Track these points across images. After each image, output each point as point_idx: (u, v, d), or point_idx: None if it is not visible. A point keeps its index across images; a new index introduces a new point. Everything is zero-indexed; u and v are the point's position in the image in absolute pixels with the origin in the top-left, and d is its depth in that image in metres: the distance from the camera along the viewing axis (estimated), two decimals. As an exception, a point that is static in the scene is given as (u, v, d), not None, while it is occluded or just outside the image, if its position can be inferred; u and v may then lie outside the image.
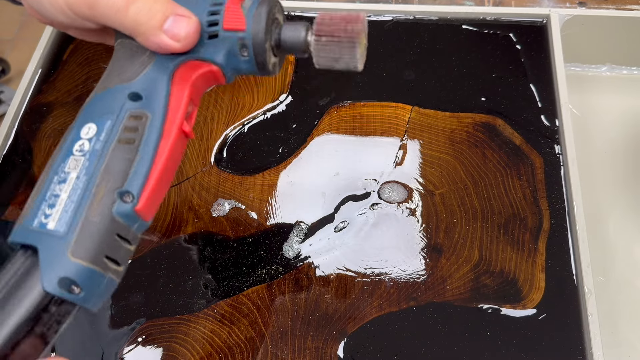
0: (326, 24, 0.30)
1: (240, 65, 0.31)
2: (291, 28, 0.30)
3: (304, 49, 0.31)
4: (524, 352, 0.38)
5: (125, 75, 0.30)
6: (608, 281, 0.45)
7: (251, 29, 0.29)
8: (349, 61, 0.30)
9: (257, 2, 0.30)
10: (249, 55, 0.30)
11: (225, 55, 0.30)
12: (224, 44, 0.30)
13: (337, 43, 0.30)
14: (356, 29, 0.29)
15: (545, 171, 0.45)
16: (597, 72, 0.56)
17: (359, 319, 0.40)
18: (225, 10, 0.30)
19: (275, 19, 0.31)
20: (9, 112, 0.49)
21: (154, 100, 0.30)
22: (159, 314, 0.40)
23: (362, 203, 0.44)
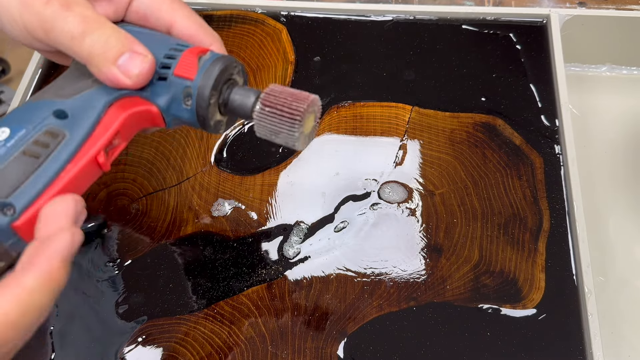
0: (274, 95, 0.29)
1: (182, 113, 0.30)
2: (242, 92, 0.30)
3: (249, 115, 0.30)
4: (524, 352, 0.38)
5: (62, 92, 0.29)
6: (608, 281, 0.45)
7: (199, 81, 0.29)
8: (287, 138, 0.30)
9: (215, 58, 0.30)
10: (192, 106, 0.30)
11: (169, 100, 0.30)
12: (170, 88, 0.30)
13: (278, 117, 0.29)
14: (300, 108, 0.29)
15: (545, 171, 0.45)
16: (597, 72, 0.56)
17: (359, 319, 0.40)
18: (181, 57, 0.30)
19: (232, 79, 0.31)
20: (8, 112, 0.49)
21: (79, 121, 0.29)
22: (159, 314, 0.40)
23: (362, 203, 0.44)
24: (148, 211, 0.45)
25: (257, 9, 0.55)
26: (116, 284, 0.42)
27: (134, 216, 0.44)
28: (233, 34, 0.53)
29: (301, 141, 0.30)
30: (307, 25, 0.54)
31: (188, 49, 0.30)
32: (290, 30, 0.53)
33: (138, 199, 0.45)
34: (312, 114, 0.30)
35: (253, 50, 0.52)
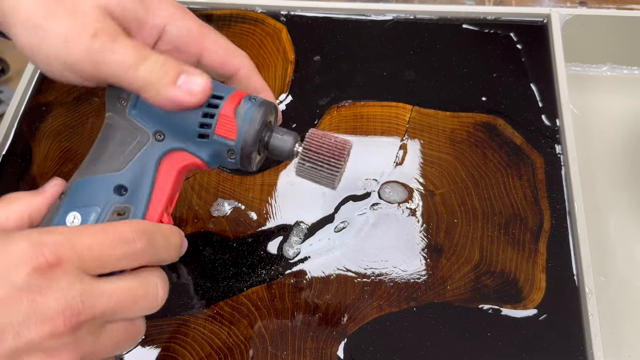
0: (313, 149, 0.31)
1: (225, 163, 0.32)
2: (280, 138, 0.32)
3: (288, 158, 0.32)
4: (525, 352, 0.38)
5: (113, 164, 0.30)
6: (609, 281, 0.45)
7: (241, 141, 0.30)
8: (326, 185, 0.32)
9: (253, 109, 0.30)
10: (236, 159, 0.31)
11: (213, 154, 0.31)
12: (213, 145, 0.31)
13: (318, 170, 0.32)
14: (338, 164, 0.31)
15: (546, 171, 0.45)
16: (597, 71, 0.56)
17: (359, 319, 0.40)
18: (219, 117, 0.30)
19: (269, 122, 0.32)
20: (8, 112, 0.49)
21: (138, 193, 0.30)
22: (159, 314, 0.40)
23: (362, 203, 0.44)
24: (147, 211, 0.44)
25: (257, 8, 0.55)
26: (115, 284, 0.41)
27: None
28: (233, 34, 0.53)
29: (338, 182, 0.32)
30: (307, 24, 0.54)
31: (225, 105, 0.30)
32: (290, 29, 0.53)
33: (137, 199, 0.45)
34: (347, 160, 0.32)
35: (253, 50, 0.52)
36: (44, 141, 0.48)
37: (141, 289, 0.28)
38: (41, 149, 0.48)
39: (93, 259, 0.26)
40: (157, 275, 0.29)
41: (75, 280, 0.25)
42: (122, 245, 0.27)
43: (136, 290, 0.27)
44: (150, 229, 0.28)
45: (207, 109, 0.30)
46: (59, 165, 0.47)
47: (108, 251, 0.26)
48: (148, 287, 0.28)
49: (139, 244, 0.27)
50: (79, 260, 0.25)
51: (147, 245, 0.28)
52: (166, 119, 0.31)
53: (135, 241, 0.27)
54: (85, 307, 0.25)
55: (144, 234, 0.28)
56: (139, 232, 0.27)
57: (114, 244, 0.27)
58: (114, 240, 0.27)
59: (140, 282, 0.28)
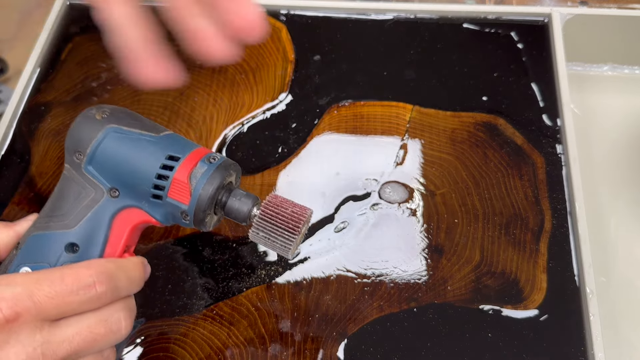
0: (267, 219, 0.31)
1: (180, 223, 0.32)
2: (238, 202, 0.31)
3: (245, 222, 0.32)
4: (525, 352, 0.38)
5: (66, 220, 0.31)
6: (610, 282, 0.45)
7: (194, 205, 0.30)
8: (280, 253, 0.32)
9: (209, 174, 0.30)
10: (189, 221, 0.31)
11: (166, 215, 0.32)
12: (166, 207, 0.31)
13: (272, 241, 0.31)
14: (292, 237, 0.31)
15: (547, 171, 0.45)
16: (598, 71, 0.56)
17: (359, 320, 0.39)
18: (172, 181, 0.30)
19: (227, 184, 0.32)
20: (7, 112, 0.49)
21: (90, 251, 0.31)
22: (158, 314, 0.40)
23: (362, 203, 0.44)
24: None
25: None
26: (115, 285, 0.41)
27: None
28: (232, 33, 0.53)
29: (293, 253, 0.32)
30: (307, 24, 0.53)
31: (179, 169, 0.30)
32: (290, 29, 0.53)
33: (137, 199, 0.45)
34: (305, 227, 0.32)
35: (252, 49, 0.52)
36: (42, 141, 0.48)
37: (103, 327, 0.28)
38: (40, 148, 0.48)
39: (53, 307, 0.26)
40: (119, 309, 0.29)
41: (34, 331, 0.25)
42: (82, 292, 0.27)
43: (98, 329, 0.28)
44: (112, 269, 0.29)
45: (162, 170, 0.30)
46: (57, 165, 0.47)
47: (68, 299, 0.27)
48: (110, 324, 0.28)
49: (100, 288, 0.27)
50: (38, 310, 0.26)
51: (108, 288, 0.28)
52: (121, 177, 0.31)
53: (95, 285, 0.27)
54: (47, 357, 0.26)
55: (104, 274, 0.28)
56: (99, 274, 0.28)
57: (73, 291, 0.27)
58: (73, 288, 0.27)
59: (102, 320, 0.28)
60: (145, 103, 0.49)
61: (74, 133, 0.32)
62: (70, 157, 0.32)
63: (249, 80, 0.51)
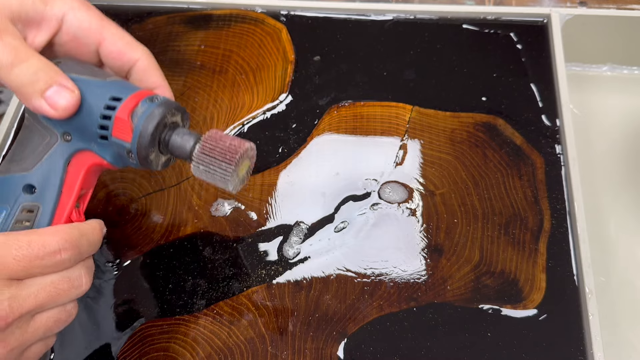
0: (206, 152, 0.31)
1: (129, 163, 0.33)
2: (180, 139, 0.32)
3: (188, 158, 0.32)
4: (525, 352, 0.38)
5: (24, 164, 0.32)
6: (609, 281, 0.45)
7: (136, 142, 0.31)
8: (222, 187, 0.33)
9: (149, 112, 0.31)
10: (135, 159, 0.32)
11: (115, 155, 0.33)
12: (112, 147, 0.32)
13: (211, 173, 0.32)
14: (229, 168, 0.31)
15: (546, 171, 0.45)
16: (598, 71, 0.56)
17: (359, 319, 0.40)
18: (115, 120, 0.31)
19: (171, 123, 0.33)
20: (8, 112, 0.49)
21: (47, 192, 0.32)
22: (158, 314, 0.40)
23: (362, 203, 0.44)
24: (147, 211, 0.44)
25: (257, 8, 0.54)
26: (116, 285, 0.41)
27: (134, 216, 0.44)
28: (233, 34, 0.53)
29: (233, 185, 0.32)
30: (307, 24, 0.54)
31: (120, 108, 0.31)
32: (290, 29, 0.53)
33: (137, 199, 0.45)
34: (246, 160, 0.33)
35: (253, 50, 0.52)
36: (43, 141, 0.48)
37: (65, 283, 0.30)
38: (41, 149, 0.48)
39: (20, 269, 0.28)
40: (80, 267, 0.31)
41: (2, 287, 0.27)
42: (48, 257, 0.29)
43: (61, 284, 0.30)
44: (76, 235, 0.30)
45: (105, 111, 0.32)
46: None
47: (34, 263, 0.28)
48: (73, 281, 0.30)
49: (65, 255, 0.29)
50: (6, 269, 0.28)
51: (72, 254, 0.30)
52: (71, 121, 0.32)
53: (61, 252, 0.29)
54: (13, 309, 0.27)
55: (69, 242, 0.30)
56: (65, 241, 0.29)
57: (39, 256, 0.28)
58: (39, 253, 0.28)
59: (65, 277, 0.30)
60: (145, 103, 0.49)
61: None
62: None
63: (249, 80, 0.51)
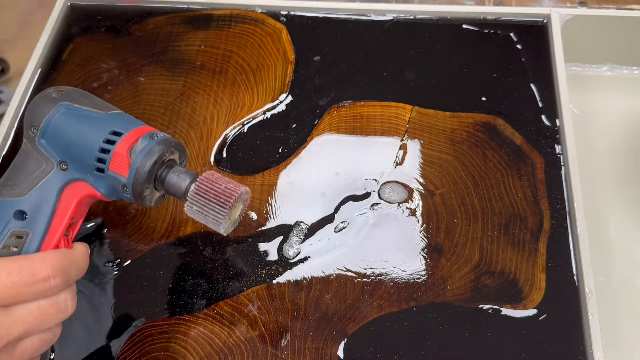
0: (201, 194, 0.32)
1: (122, 196, 0.33)
2: (176, 176, 0.33)
3: (182, 198, 0.33)
4: (525, 352, 0.38)
5: (17, 189, 0.33)
6: (609, 281, 0.45)
7: (132, 178, 0.32)
8: (213, 226, 0.33)
9: (148, 149, 0.32)
10: (129, 194, 0.32)
11: (109, 188, 0.33)
12: (108, 180, 0.32)
13: (204, 215, 0.32)
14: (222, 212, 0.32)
15: (546, 171, 0.45)
16: (597, 71, 0.56)
17: (359, 319, 0.40)
18: (113, 154, 0.32)
19: (169, 160, 0.33)
20: (8, 112, 0.49)
21: (38, 219, 0.32)
22: (159, 314, 0.40)
23: (362, 203, 0.44)
24: (147, 211, 0.44)
25: (257, 8, 0.55)
26: (116, 285, 0.42)
27: (134, 216, 0.44)
28: (233, 34, 0.53)
29: (225, 228, 0.33)
30: (307, 24, 0.54)
31: (119, 143, 0.32)
32: (290, 29, 0.53)
33: (138, 199, 0.45)
34: (240, 203, 0.33)
35: (253, 50, 0.52)
36: (44, 141, 0.48)
37: (53, 307, 0.30)
38: (41, 149, 0.48)
39: (9, 296, 0.28)
40: (66, 292, 0.31)
41: None
42: (37, 284, 0.29)
43: (48, 309, 0.30)
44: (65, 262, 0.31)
45: (105, 144, 0.32)
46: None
47: (23, 289, 0.29)
48: (59, 304, 0.30)
49: (54, 282, 0.30)
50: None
51: (61, 281, 0.30)
52: (69, 150, 0.33)
53: (50, 279, 0.29)
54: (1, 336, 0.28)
55: (58, 269, 0.30)
56: (54, 268, 0.30)
57: (29, 283, 0.29)
58: (29, 280, 0.29)
59: (52, 302, 0.30)
60: (146, 104, 0.50)
61: (31, 109, 0.34)
62: (27, 131, 0.34)
63: (250, 80, 0.51)
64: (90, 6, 0.56)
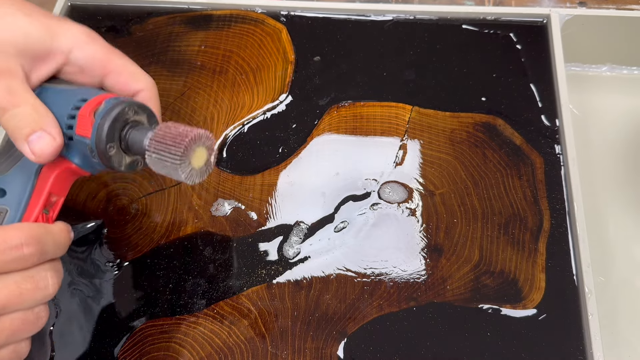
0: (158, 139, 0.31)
1: (95, 165, 0.33)
2: (137, 133, 0.32)
3: (143, 153, 0.32)
4: (524, 352, 0.38)
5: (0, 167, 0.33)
6: (608, 281, 0.45)
7: (95, 138, 0.31)
8: (175, 177, 0.31)
9: (107, 108, 0.32)
10: (97, 158, 0.32)
11: (81, 157, 0.33)
12: (78, 146, 0.32)
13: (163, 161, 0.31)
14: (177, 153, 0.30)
15: (546, 171, 0.45)
16: (597, 72, 0.56)
17: (359, 319, 0.40)
18: (78, 117, 0.32)
19: (133, 121, 0.33)
20: (8, 112, 0.49)
21: (15, 196, 0.32)
22: (159, 314, 0.40)
23: (362, 203, 0.44)
24: (147, 211, 0.45)
25: (257, 8, 0.55)
26: (115, 285, 0.42)
27: (134, 216, 0.44)
28: (233, 34, 0.53)
29: (186, 174, 0.31)
30: (307, 25, 0.54)
31: (84, 106, 0.32)
32: (290, 30, 0.53)
33: (137, 199, 0.45)
34: (200, 148, 0.31)
35: (253, 50, 0.52)
36: (44, 141, 0.48)
37: (29, 283, 0.29)
38: (41, 149, 0.48)
39: None
40: (46, 269, 0.31)
41: None
42: (10, 252, 0.28)
43: (24, 284, 0.29)
44: (40, 232, 0.30)
45: (73, 111, 0.32)
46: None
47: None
48: (37, 281, 0.30)
49: (27, 250, 0.29)
50: None
51: (36, 250, 0.29)
52: None
53: (23, 247, 0.29)
54: None
55: (32, 238, 0.29)
56: (28, 237, 0.29)
57: (1, 251, 0.28)
58: (1, 247, 0.28)
59: (28, 276, 0.29)
60: (146, 103, 0.50)
61: None
62: None
63: (250, 81, 0.51)
64: (91, 6, 0.56)
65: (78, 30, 0.35)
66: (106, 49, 0.36)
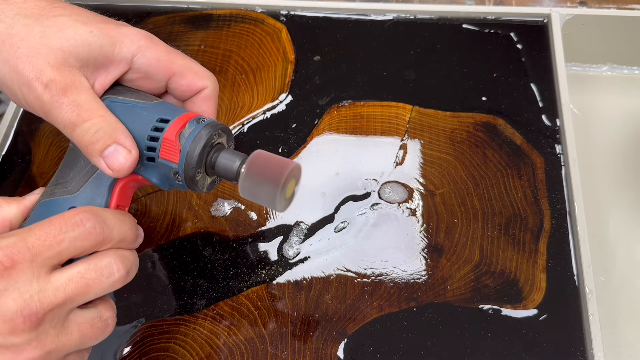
0: (254, 170, 0.31)
1: (175, 185, 0.33)
2: (226, 158, 0.32)
3: (234, 179, 0.32)
4: (525, 352, 0.38)
5: (68, 186, 0.33)
6: (609, 281, 0.45)
7: (183, 164, 0.31)
8: (269, 207, 0.32)
9: (196, 132, 0.31)
10: (182, 181, 0.32)
11: (161, 177, 0.33)
12: (160, 168, 0.32)
13: (257, 192, 0.31)
14: (276, 186, 0.31)
15: (546, 171, 0.45)
16: (598, 71, 0.56)
17: (359, 319, 0.40)
18: (162, 141, 0.31)
19: (217, 144, 0.33)
20: (7, 112, 0.49)
21: None
22: (158, 314, 0.40)
23: (362, 203, 0.44)
24: (147, 211, 0.44)
25: (257, 8, 0.54)
26: (115, 284, 0.41)
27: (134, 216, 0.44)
28: (233, 34, 0.53)
29: (281, 206, 0.32)
30: (307, 24, 0.54)
31: (168, 129, 0.31)
32: (290, 29, 0.53)
33: (137, 199, 0.45)
34: (292, 180, 0.32)
35: (253, 50, 0.52)
36: (43, 141, 0.48)
37: (93, 272, 0.29)
38: (41, 149, 0.48)
39: (46, 248, 0.27)
40: (110, 255, 0.30)
41: (31, 279, 0.27)
42: (71, 228, 0.28)
43: (88, 274, 0.29)
44: (97, 209, 0.30)
45: (153, 132, 0.32)
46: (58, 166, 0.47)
47: (59, 237, 0.28)
48: (101, 269, 0.29)
49: (88, 224, 0.29)
50: (33, 255, 0.27)
51: (97, 223, 0.29)
52: None
53: (83, 222, 0.29)
54: (43, 303, 0.27)
55: (89, 212, 0.29)
56: (84, 212, 0.29)
57: (63, 230, 0.28)
58: (62, 226, 0.28)
59: (91, 265, 0.29)
60: (145, 103, 0.49)
61: None
62: None
63: (249, 80, 0.51)
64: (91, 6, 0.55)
65: (138, 35, 0.35)
66: (167, 51, 0.36)
